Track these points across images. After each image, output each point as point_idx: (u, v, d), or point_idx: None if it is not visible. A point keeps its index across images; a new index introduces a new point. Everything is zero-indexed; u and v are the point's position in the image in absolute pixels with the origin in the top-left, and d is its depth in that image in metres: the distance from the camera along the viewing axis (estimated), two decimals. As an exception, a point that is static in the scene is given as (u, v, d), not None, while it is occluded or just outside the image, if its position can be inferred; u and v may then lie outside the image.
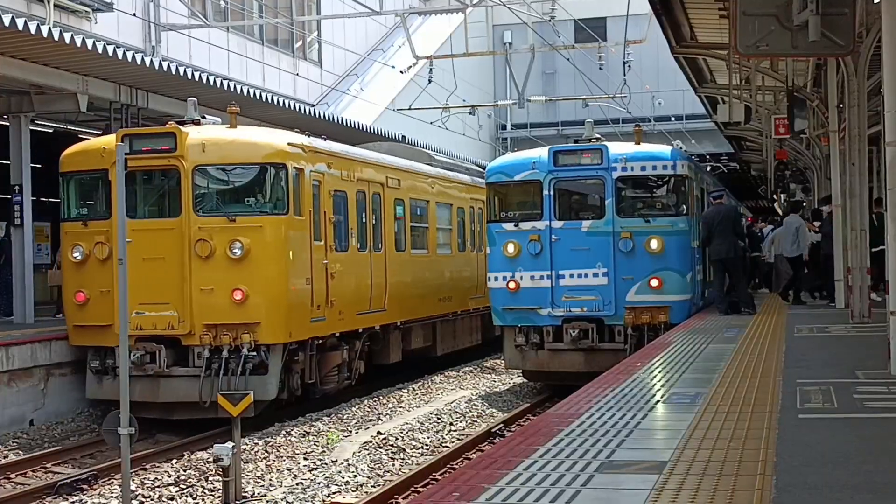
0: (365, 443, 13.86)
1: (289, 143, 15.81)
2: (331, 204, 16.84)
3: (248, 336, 15.00)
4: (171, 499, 11.76)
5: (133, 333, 14.85)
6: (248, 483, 12.00)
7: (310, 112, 24.77)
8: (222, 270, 15.13)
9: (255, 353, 15.05)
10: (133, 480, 11.86)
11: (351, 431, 14.96)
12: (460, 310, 23.31)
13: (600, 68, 32.00)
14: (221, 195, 15.67)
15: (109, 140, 15.76)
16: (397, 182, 20.04)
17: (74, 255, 15.82)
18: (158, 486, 12.20)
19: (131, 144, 15.13)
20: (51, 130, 23.48)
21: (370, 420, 15.90)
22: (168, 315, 15.23)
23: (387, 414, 16.44)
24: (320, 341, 16.60)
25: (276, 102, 22.45)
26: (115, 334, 14.37)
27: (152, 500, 11.74)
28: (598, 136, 18.84)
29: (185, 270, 15.22)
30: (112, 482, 12.62)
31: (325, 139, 17.69)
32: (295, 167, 15.65)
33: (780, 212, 41.05)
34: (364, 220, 18.32)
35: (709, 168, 41.02)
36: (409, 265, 20.48)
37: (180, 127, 15.52)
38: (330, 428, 15.20)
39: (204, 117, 16.25)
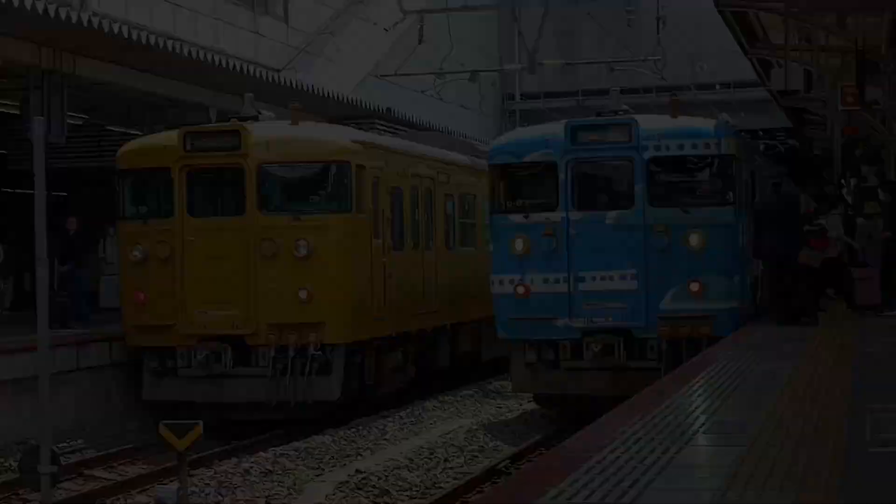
0: (340, 483, 13.87)
1: (352, 141, 18.48)
2: (388, 201, 19.58)
3: (314, 336, 17.45)
4: (103, 552, 11.77)
5: (195, 333, 17.75)
6: (198, 533, 12.00)
7: (274, 79, 24.73)
8: (287, 269, 17.69)
9: (320, 353, 17.47)
10: (56, 530, 11.84)
11: (323, 469, 14.98)
12: None
13: (629, 25, 32.08)
14: (285, 193, 18.43)
15: (171, 137, 18.31)
16: (447, 177, 22.45)
17: (134, 254, 18.29)
18: (87, 537, 12.20)
19: (193, 142, 17.89)
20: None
21: (347, 455, 15.92)
22: (231, 314, 17.76)
23: (367, 448, 16.45)
24: (378, 342, 19.13)
25: (231, 68, 22.41)
26: (177, 334, 17.50)
27: (80, 553, 11.74)
28: (626, 107, 18.90)
29: (250, 269, 17.75)
30: (31, 532, 12.62)
31: (382, 133, 19.84)
32: (357, 165, 18.31)
33: (848, 200, 41.06)
34: (417, 217, 20.62)
35: (762, 147, 41.08)
36: (458, 263, 23.43)
37: (244, 125, 17.98)
38: (297, 465, 15.20)
39: (261, 113, 18.86)
